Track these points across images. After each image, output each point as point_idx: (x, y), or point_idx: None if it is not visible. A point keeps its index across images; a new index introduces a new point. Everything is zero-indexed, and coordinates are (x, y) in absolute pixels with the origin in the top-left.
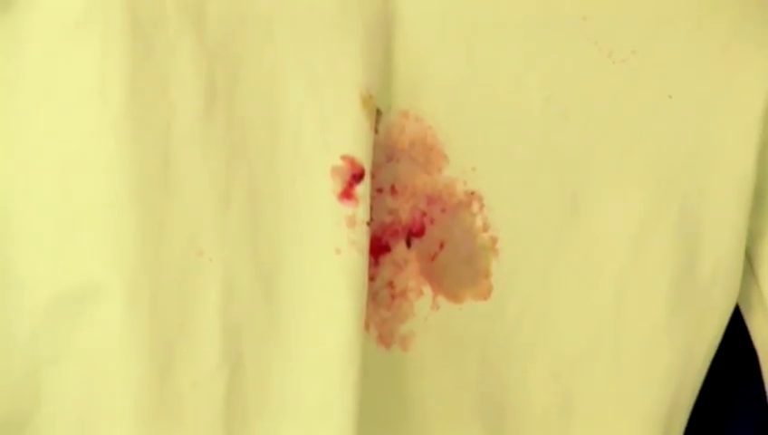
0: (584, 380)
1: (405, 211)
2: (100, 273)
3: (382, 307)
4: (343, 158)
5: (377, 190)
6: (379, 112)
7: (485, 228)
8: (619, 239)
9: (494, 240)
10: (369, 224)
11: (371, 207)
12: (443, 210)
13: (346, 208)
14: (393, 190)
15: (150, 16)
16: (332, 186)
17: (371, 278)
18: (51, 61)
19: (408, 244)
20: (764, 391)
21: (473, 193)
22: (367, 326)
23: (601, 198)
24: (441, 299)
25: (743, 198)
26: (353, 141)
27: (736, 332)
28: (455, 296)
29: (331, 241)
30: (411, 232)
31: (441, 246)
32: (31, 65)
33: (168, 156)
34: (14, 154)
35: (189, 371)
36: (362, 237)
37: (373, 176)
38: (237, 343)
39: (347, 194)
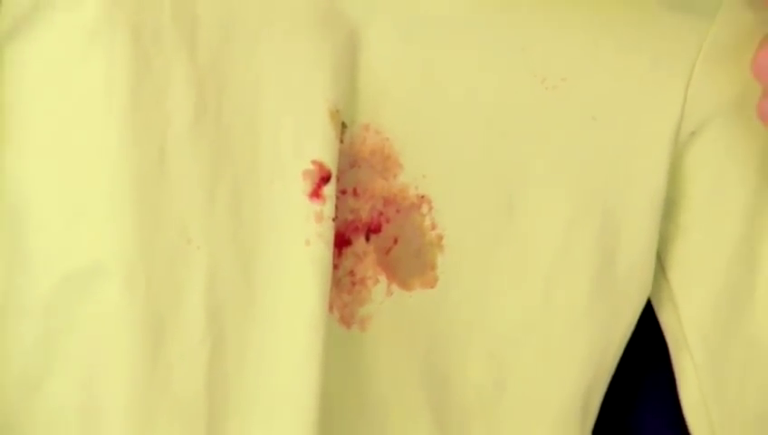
0: (516, 359)
1: (365, 211)
2: (102, 256)
3: (344, 292)
4: (313, 162)
5: (341, 192)
6: (344, 125)
7: (433, 227)
8: (548, 239)
9: (440, 237)
10: (334, 220)
11: (336, 206)
12: (397, 211)
13: (315, 206)
14: (355, 192)
15: (150, 34)
16: (303, 186)
17: (335, 267)
18: (64, 70)
19: (367, 239)
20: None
21: (423, 197)
22: (330, 308)
23: (534, 204)
24: (394, 287)
25: (655, 208)
26: (322, 149)
27: (652, 323)
28: (406, 285)
29: (301, 234)
30: (370, 229)
31: (395, 241)
32: (46, 74)
33: (163, 157)
34: (30, 151)
35: (178, 342)
36: (328, 232)
37: (338, 179)
38: (219, 320)
39: (316, 194)
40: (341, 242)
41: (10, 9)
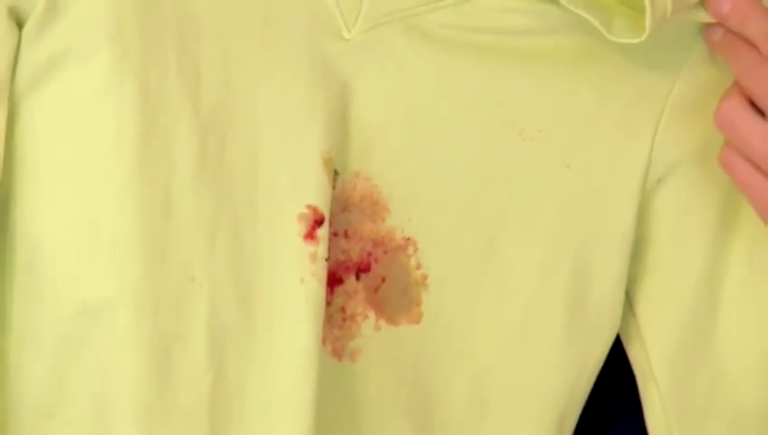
0: (495, 388)
1: (355, 252)
2: (112, 292)
3: (335, 327)
4: (308, 207)
5: (333, 234)
6: (336, 172)
7: (418, 267)
8: (525, 278)
9: (424, 277)
10: (327, 260)
11: (329, 248)
12: (385, 252)
13: (309, 247)
14: (346, 234)
15: (156, 87)
16: (299, 229)
17: (327, 304)
18: (76, 121)
19: (357, 278)
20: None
21: (409, 239)
22: (323, 342)
23: (511, 246)
24: (382, 322)
25: (624, 249)
26: (316, 194)
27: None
28: (393, 320)
29: (296, 273)
30: (360, 268)
31: (383, 280)
32: (59, 125)
33: (168, 202)
34: (45, 196)
35: (182, 372)
36: (321, 271)
37: (331, 222)
38: (221, 352)
39: (310, 236)
40: (333, 281)
41: (26, 66)
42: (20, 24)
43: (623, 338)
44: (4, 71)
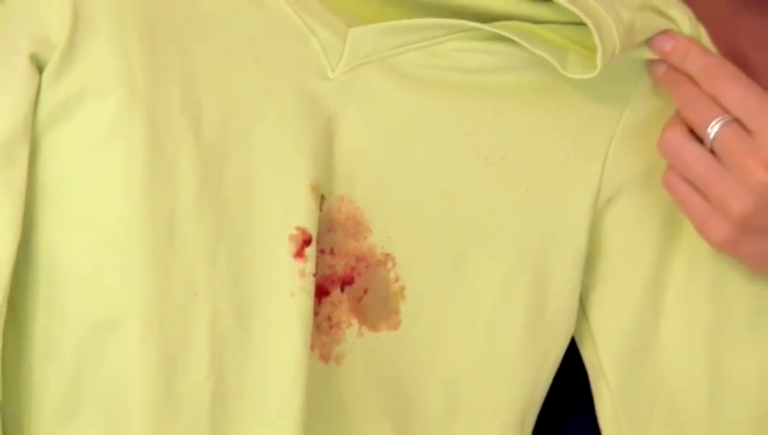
0: (466, 387)
1: (340, 267)
2: (124, 308)
3: (322, 334)
4: (297, 228)
5: (320, 251)
6: (323, 196)
7: (397, 279)
8: (489, 290)
9: (402, 288)
10: (314, 275)
11: (316, 264)
12: (367, 266)
13: (298, 264)
14: (332, 252)
15: (162, 120)
16: (289, 248)
17: (315, 314)
18: (91, 152)
19: (342, 290)
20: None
21: (388, 255)
22: (312, 347)
23: (478, 261)
24: (364, 329)
25: (577, 262)
26: (304, 217)
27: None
28: (374, 327)
29: (287, 287)
30: (344, 281)
31: (365, 291)
32: (76, 156)
33: (173, 225)
34: (63, 222)
35: (186, 379)
36: (310, 285)
37: (318, 241)
38: (221, 358)
39: (299, 254)
40: (321, 293)
41: (46, 104)
42: (40, 69)
43: (577, 340)
44: (26, 109)
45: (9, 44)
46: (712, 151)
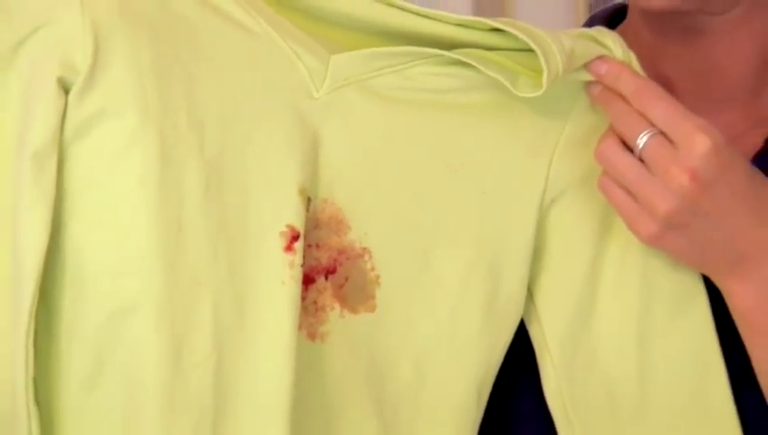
0: (431, 364)
1: (324, 258)
2: (138, 297)
3: (309, 316)
4: (287, 226)
5: (307, 246)
6: (309, 199)
7: (372, 269)
8: (452, 280)
9: (377, 276)
10: (302, 266)
11: (303, 256)
12: (347, 258)
13: (288, 257)
14: (317, 246)
15: (171, 134)
16: (280, 243)
17: (303, 299)
18: (111, 162)
19: (326, 278)
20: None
21: (365, 248)
22: (300, 328)
23: (442, 255)
24: (345, 312)
25: (527, 254)
26: (293, 216)
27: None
28: (354, 310)
29: (279, 277)
30: (328, 271)
31: (346, 279)
32: (98, 166)
33: (180, 224)
34: (87, 222)
35: (192, 356)
36: (298, 274)
37: (305, 237)
38: (221, 340)
39: (289, 248)
40: (307, 280)
41: (71, 122)
42: (66, 90)
43: (526, 321)
44: (55, 126)
45: (42, 69)
46: (641, 160)
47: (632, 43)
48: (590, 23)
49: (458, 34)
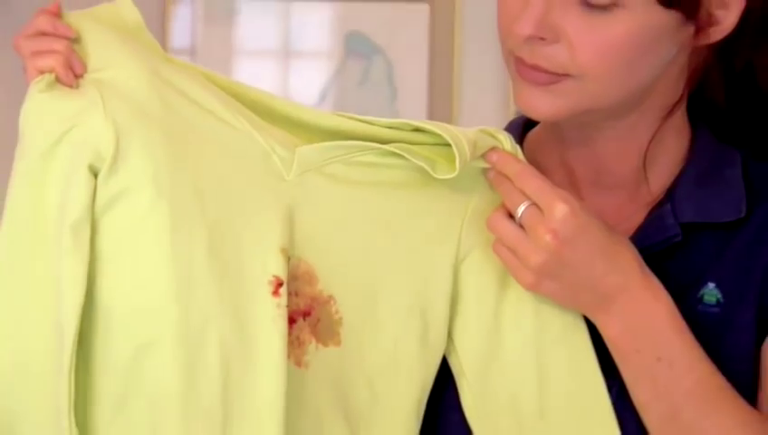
0: (382, 385)
1: (302, 304)
2: (158, 333)
3: (295, 348)
4: (273, 276)
5: (289, 293)
6: (289, 257)
7: (337, 312)
8: (395, 322)
9: (341, 318)
10: (287, 307)
11: (288, 300)
12: (318, 304)
13: (276, 299)
14: (296, 294)
15: (180, 203)
16: (269, 289)
17: (289, 334)
18: (133, 228)
19: (304, 319)
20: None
21: (330, 296)
22: (289, 357)
23: (386, 301)
24: (320, 345)
25: (446, 300)
26: (278, 269)
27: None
28: (325, 344)
29: (269, 315)
30: (305, 313)
31: (318, 320)
32: (124, 231)
33: (191, 274)
34: (115, 277)
35: (204, 378)
36: (284, 314)
37: (288, 286)
38: (227, 366)
39: (276, 293)
40: (291, 321)
41: (100, 199)
42: (95, 174)
43: (446, 353)
44: (87, 203)
45: (76, 159)
46: (521, 225)
47: (546, 138)
48: (508, 127)
49: (393, 135)
